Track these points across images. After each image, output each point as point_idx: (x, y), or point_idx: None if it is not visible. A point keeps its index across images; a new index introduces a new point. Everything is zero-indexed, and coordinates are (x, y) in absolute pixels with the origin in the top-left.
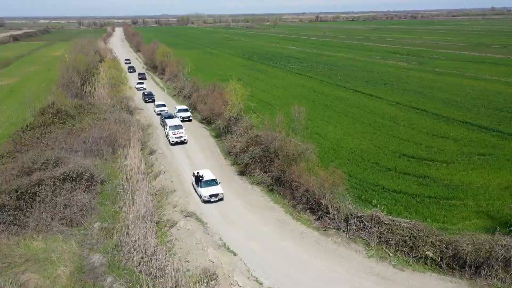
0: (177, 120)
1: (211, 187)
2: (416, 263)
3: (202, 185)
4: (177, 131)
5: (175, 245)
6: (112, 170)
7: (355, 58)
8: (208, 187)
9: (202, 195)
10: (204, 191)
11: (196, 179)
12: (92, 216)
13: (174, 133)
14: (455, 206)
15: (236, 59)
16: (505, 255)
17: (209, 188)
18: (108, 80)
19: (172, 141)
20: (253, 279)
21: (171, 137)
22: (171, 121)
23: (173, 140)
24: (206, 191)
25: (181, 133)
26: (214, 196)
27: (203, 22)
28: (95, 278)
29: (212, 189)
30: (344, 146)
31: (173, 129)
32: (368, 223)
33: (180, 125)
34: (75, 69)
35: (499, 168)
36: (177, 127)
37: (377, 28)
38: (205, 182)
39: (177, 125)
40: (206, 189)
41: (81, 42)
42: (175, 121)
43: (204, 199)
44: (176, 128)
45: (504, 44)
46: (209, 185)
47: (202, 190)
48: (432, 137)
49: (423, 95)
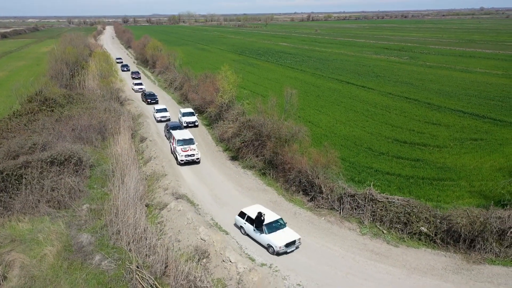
0: (186, 133)
1: (280, 232)
2: (410, 239)
3: (267, 230)
4: (188, 147)
5: (166, 225)
6: (102, 155)
7: (346, 54)
8: (277, 231)
9: (273, 244)
10: (275, 239)
11: (253, 222)
12: (80, 199)
13: (184, 149)
14: (449, 187)
15: (228, 54)
16: (500, 227)
17: (279, 234)
18: (98, 71)
19: (181, 161)
20: (246, 256)
21: (180, 155)
22: (179, 133)
23: (182, 159)
24: (278, 240)
25: (193, 150)
26: (291, 245)
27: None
28: (83, 257)
29: (284, 235)
30: (337, 133)
31: (181, 144)
32: (362, 202)
33: (191, 138)
34: (64, 61)
35: (491, 152)
36: (186, 141)
37: (368, 26)
38: (269, 225)
39: (187, 139)
40: (275, 236)
41: (71, 35)
42: (184, 134)
43: (279, 251)
44: (186, 143)
45: (493, 40)
46: (277, 229)
47: (271, 238)
48: (424, 124)
49: (415, 86)
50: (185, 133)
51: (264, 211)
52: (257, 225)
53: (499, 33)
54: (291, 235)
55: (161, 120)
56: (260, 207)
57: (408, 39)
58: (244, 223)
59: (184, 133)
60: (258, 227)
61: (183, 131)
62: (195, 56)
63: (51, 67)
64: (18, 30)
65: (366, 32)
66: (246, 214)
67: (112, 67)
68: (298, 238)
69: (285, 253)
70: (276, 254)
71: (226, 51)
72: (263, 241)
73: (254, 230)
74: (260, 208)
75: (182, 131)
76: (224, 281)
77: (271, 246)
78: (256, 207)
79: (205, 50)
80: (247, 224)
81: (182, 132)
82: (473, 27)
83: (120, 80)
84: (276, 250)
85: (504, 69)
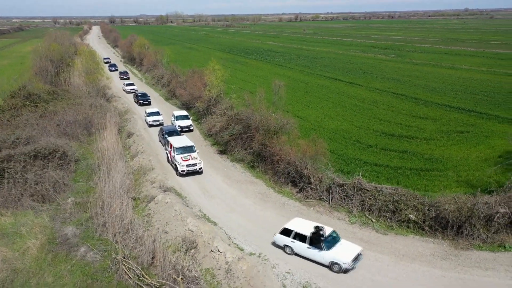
0: (185, 139)
1: (339, 246)
2: (399, 227)
3: (326, 246)
4: (188, 155)
5: (153, 217)
6: (88, 150)
7: (334, 52)
8: (335, 245)
9: (340, 262)
10: (341, 255)
11: (304, 238)
12: (65, 193)
13: (184, 158)
14: (436, 177)
15: (216, 53)
16: (487, 212)
17: (341, 249)
18: (84, 68)
19: (182, 171)
20: (234, 245)
21: (180, 165)
22: (177, 140)
23: (183, 169)
24: (345, 256)
25: (195, 159)
26: (357, 259)
27: (182, 21)
28: (68, 249)
29: (346, 249)
30: (325, 127)
31: (180, 153)
32: (351, 191)
33: (191, 146)
34: (49, 58)
35: (477, 143)
36: (186, 149)
37: (356, 26)
38: (327, 240)
39: (187, 147)
40: (338, 251)
41: (56, 33)
42: (183, 140)
43: (348, 268)
44: (186, 151)
45: (478, 39)
46: (335, 242)
47: (335, 255)
48: (411, 118)
49: (402, 82)
50: (184, 140)
51: (309, 224)
52: (315, 242)
53: (483, 33)
54: (353, 248)
55: (153, 124)
56: (300, 220)
57: (395, 38)
58: (291, 241)
59: (183, 139)
60: (315, 244)
61: (181, 137)
62: (183, 55)
63: (35, 64)
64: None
65: (353, 32)
66: (293, 231)
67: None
68: (360, 249)
69: (352, 269)
70: (344, 271)
71: (214, 50)
72: (323, 259)
73: (308, 248)
74: (303, 221)
75: (180, 137)
76: (212, 271)
77: (336, 263)
78: (300, 221)
79: (193, 49)
80: (297, 242)
81: (180, 139)
82: (459, 27)
83: (107, 78)
84: (344, 267)
85: (489, 66)
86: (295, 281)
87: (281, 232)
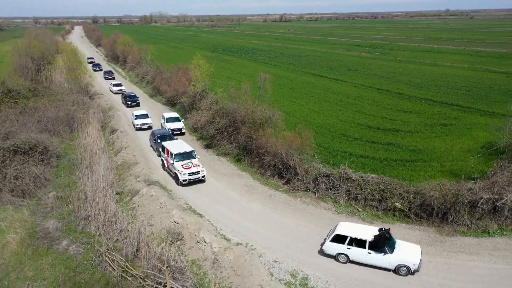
0: (183, 144)
1: (399, 247)
2: (385, 215)
3: (390, 249)
4: (189, 162)
5: (138, 211)
6: (70, 146)
7: (319, 50)
8: (397, 247)
9: (409, 263)
10: (408, 257)
11: (363, 243)
12: (47, 188)
13: (185, 166)
14: (421, 167)
15: (201, 51)
16: (471, 198)
17: (403, 250)
18: (65, 65)
19: (183, 181)
20: (221, 236)
21: (182, 174)
22: (174, 145)
23: (184, 179)
24: (411, 257)
25: (197, 166)
26: (420, 260)
27: (166, 21)
28: (49, 242)
29: (408, 249)
30: (311, 121)
31: (179, 160)
32: (337, 181)
33: (191, 151)
34: (29, 55)
35: (460, 135)
36: (186, 155)
37: (340, 26)
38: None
39: (186, 152)
40: (402, 253)
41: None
42: (181, 146)
43: (417, 270)
44: (185, 158)
45: (459, 38)
46: (394, 244)
47: (402, 257)
48: (396, 112)
49: (386, 78)
50: (182, 145)
51: (360, 227)
52: (378, 245)
53: (464, 32)
54: (414, 247)
55: (141, 128)
56: (348, 224)
57: (379, 37)
58: (347, 249)
59: (181, 144)
60: (377, 248)
61: (178, 142)
62: (167, 54)
63: (15, 61)
64: None
65: (337, 31)
66: (348, 237)
67: (82, 64)
68: (419, 247)
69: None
70: (412, 273)
71: (199, 48)
72: (389, 264)
73: (369, 253)
74: (352, 225)
75: (176, 142)
76: (199, 262)
77: (404, 266)
78: (349, 225)
79: (178, 48)
80: (354, 248)
81: (177, 144)
82: (440, 26)
83: (90, 76)
84: (414, 269)
85: (470, 63)
86: (283, 269)
87: (332, 239)
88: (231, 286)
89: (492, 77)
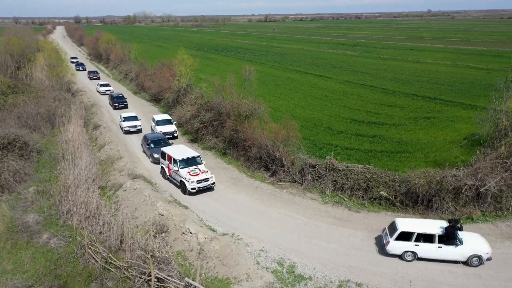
0: (186, 149)
1: (465, 237)
2: (371, 204)
3: (461, 240)
4: (196, 168)
5: (122, 204)
6: (51, 142)
7: (304, 49)
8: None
9: (482, 253)
10: (480, 246)
11: (430, 238)
12: (27, 182)
13: (193, 173)
14: (405, 158)
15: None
16: (455, 184)
17: (471, 239)
18: (46, 62)
19: (191, 189)
20: (207, 227)
21: (190, 182)
22: (176, 151)
23: (193, 187)
24: (483, 245)
25: (206, 173)
26: None
27: (151, 22)
28: (29, 236)
29: (474, 238)
30: (296, 116)
31: (184, 166)
32: (323, 172)
33: (196, 156)
34: (9, 52)
35: (443, 128)
36: (191, 161)
37: (324, 26)
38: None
39: (191, 158)
40: (472, 242)
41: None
42: (183, 151)
43: (490, 258)
44: (191, 164)
45: (441, 37)
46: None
47: (475, 247)
48: (380, 106)
49: (370, 75)
50: (185, 150)
51: (423, 222)
52: (449, 238)
53: (445, 31)
54: (478, 236)
55: (130, 131)
56: (407, 220)
57: (363, 36)
58: (415, 245)
59: (184, 149)
60: (447, 241)
61: (179, 146)
62: (151, 53)
63: None
64: None
65: (322, 31)
66: (415, 233)
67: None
68: (480, 235)
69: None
70: (483, 263)
71: (184, 47)
72: (461, 256)
73: (439, 247)
74: (412, 220)
75: (178, 147)
76: (184, 253)
77: (476, 256)
78: (409, 221)
79: (162, 47)
80: (423, 244)
81: (180, 149)
82: (422, 26)
83: (72, 74)
84: (486, 258)
85: (452, 60)
86: (269, 258)
87: (397, 238)
88: (218, 276)
89: (473, 73)
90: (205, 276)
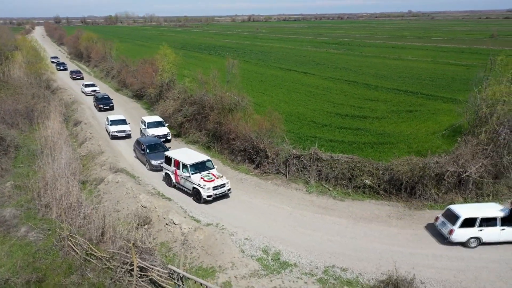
0: (193, 153)
1: None
2: (355, 193)
3: None
4: (210, 173)
5: (104, 197)
6: (29, 138)
7: (287, 47)
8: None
9: None
10: None
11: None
12: (4, 177)
13: (208, 178)
14: (389, 149)
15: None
16: (437, 171)
17: None
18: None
19: (207, 197)
20: (190, 218)
21: (205, 190)
22: (183, 155)
23: (209, 194)
24: None
25: (221, 178)
26: None
27: (133, 22)
28: (6, 230)
29: None
30: (280, 110)
31: (195, 171)
32: (307, 162)
33: (207, 160)
34: None
35: (425, 120)
36: (201, 166)
37: (307, 26)
38: None
39: (201, 162)
40: None
41: None
42: (191, 155)
43: None
44: (202, 169)
45: (421, 36)
46: None
47: None
48: (363, 101)
49: (353, 71)
50: (192, 153)
51: (471, 207)
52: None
53: (426, 31)
54: None
55: (118, 136)
56: (458, 206)
57: (345, 35)
58: (479, 231)
59: (190, 153)
60: (509, 222)
61: (184, 150)
62: (134, 52)
63: None
64: None
65: (305, 31)
66: (478, 218)
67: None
68: None
69: None
70: None
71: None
72: None
73: (502, 229)
74: (469, 206)
75: (183, 150)
76: (168, 244)
77: None
78: (466, 206)
79: (145, 46)
80: (486, 229)
81: (186, 153)
82: (403, 26)
83: (52, 72)
84: None
85: (433, 57)
86: (254, 246)
87: (461, 225)
88: (202, 265)
89: (454, 69)
90: (189, 266)
